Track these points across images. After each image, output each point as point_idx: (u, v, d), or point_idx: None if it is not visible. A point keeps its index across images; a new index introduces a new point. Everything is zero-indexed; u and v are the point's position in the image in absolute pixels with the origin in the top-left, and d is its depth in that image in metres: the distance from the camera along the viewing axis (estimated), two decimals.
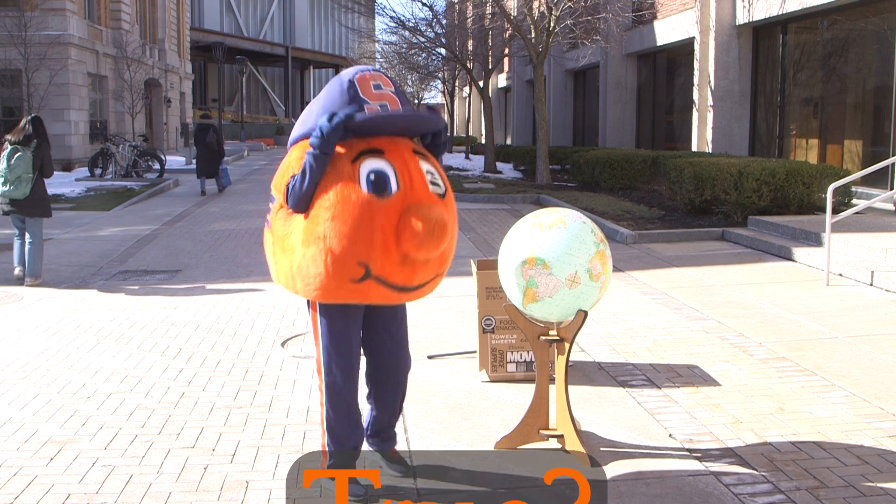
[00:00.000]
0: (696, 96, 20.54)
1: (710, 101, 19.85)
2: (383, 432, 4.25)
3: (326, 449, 4.05)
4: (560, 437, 4.58)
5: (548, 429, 4.65)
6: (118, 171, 24.17)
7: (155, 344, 6.96)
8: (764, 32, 19.33)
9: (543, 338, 4.57)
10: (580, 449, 4.44)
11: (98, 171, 24.36)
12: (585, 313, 4.36)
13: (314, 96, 4.77)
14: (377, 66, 50.80)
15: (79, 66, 29.87)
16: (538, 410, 4.64)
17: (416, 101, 50.75)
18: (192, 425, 5.05)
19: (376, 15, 31.24)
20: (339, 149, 3.71)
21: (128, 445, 4.75)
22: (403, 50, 32.13)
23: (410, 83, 46.73)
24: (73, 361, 6.46)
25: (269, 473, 4.36)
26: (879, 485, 4.18)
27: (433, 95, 53.09)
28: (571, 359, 6.13)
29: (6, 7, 28.54)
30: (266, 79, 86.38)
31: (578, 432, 4.61)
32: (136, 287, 9.45)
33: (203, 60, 70.18)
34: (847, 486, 4.15)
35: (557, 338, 4.54)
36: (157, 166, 24.71)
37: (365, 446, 4.20)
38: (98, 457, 4.59)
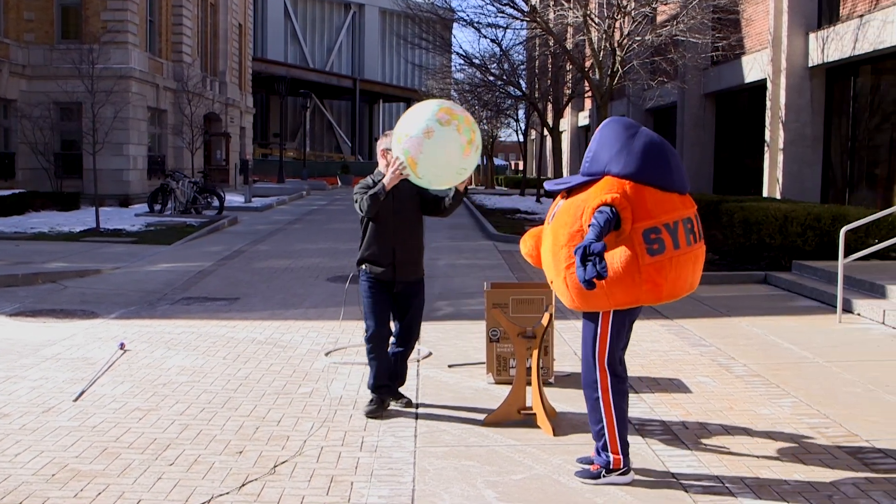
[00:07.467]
0: (767, 139, 22.30)
1: (780, 145, 21.59)
2: None
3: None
4: (533, 416, 6.53)
5: (525, 408, 6.61)
6: (177, 208, 26.81)
7: (217, 352, 9.09)
8: (838, 74, 21.04)
9: (521, 336, 6.55)
10: (546, 423, 6.38)
11: (157, 207, 26.99)
12: (551, 315, 6.33)
13: (383, 132, 6.64)
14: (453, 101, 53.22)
15: (139, 99, 32.84)
16: (517, 394, 6.60)
17: (490, 139, 53.07)
18: (247, 403, 7.14)
19: (448, 50, 33.76)
20: None
21: (197, 413, 6.86)
22: (474, 87, 34.50)
23: (485, 120, 49.15)
24: (150, 361, 8.63)
25: (305, 433, 6.39)
26: (767, 451, 6.03)
27: (508, 134, 55.52)
28: (569, 370, 8.10)
29: (69, 40, 31.75)
30: (332, 113, 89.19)
31: (549, 414, 6.55)
32: (200, 310, 11.63)
33: (265, 93, 72.87)
34: (749, 455, 5.97)
35: (532, 335, 6.52)
36: (216, 203, 27.28)
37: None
38: (175, 419, 6.70)
